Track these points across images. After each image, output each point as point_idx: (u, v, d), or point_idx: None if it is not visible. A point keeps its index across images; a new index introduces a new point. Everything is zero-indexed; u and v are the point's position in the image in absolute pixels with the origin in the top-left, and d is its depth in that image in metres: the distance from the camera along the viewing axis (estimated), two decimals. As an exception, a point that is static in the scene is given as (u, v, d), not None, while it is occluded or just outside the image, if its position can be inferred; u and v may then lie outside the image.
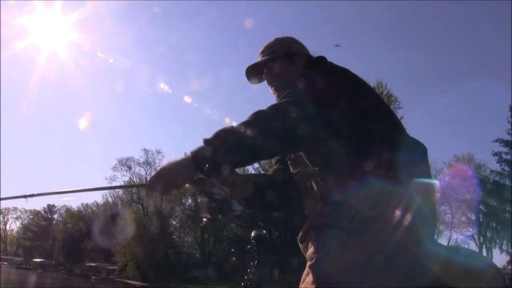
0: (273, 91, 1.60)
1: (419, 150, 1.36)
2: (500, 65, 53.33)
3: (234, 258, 38.28)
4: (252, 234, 2.95)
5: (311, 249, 1.27)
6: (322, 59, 1.55)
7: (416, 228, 1.18)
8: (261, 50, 1.63)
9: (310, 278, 1.24)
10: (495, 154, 24.77)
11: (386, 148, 1.26)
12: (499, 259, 26.39)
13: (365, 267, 1.16)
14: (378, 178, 1.22)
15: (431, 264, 1.17)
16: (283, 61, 1.56)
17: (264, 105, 1.58)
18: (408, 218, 1.18)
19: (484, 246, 28.84)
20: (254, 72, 1.63)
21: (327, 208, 1.30)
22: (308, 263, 1.27)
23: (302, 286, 1.28)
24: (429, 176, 1.33)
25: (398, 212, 1.18)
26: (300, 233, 1.40)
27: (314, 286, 1.21)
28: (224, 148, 1.16)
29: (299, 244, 1.42)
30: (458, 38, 61.34)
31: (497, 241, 26.74)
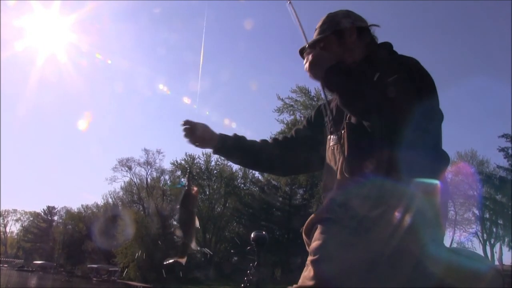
0: None
1: (434, 154, 1.31)
2: (501, 62, 53.36)
3: (235, 259, 38.26)
4: (252, 235, 2.95)
5: (314, 245, 1.27)
6: (386, 45, 1.54)
7: (417, 229, 1.17)
8: (316, 27, 1.61)
9: (309, 273, 1.23)
10: (501, 149, 24.34)
11: (387, 147, 1.23)
12: (506, 256, 26.02)
13: (366, 267, 1.16)
14: (379, 177, 1.22)
15: (433, 265, 1.16)
16: (332, 40, 1.54)
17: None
18: (409, 218, 1.17)
19: (488, 243, 28.65)
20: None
21: (334, 204, 1.30)
22: (310, 258, 1.26)
23: (300, 281, 1.27)
24: (438, 179, 1.27)
25: (399, 213, 1.17)
26: (305, 224, 1.39)
27: (313, 282, 1.20)
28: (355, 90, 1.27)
29: (303, 236, 1.41)
30: (461, 35, 61.39)
31: (505, 238, 26.33)
